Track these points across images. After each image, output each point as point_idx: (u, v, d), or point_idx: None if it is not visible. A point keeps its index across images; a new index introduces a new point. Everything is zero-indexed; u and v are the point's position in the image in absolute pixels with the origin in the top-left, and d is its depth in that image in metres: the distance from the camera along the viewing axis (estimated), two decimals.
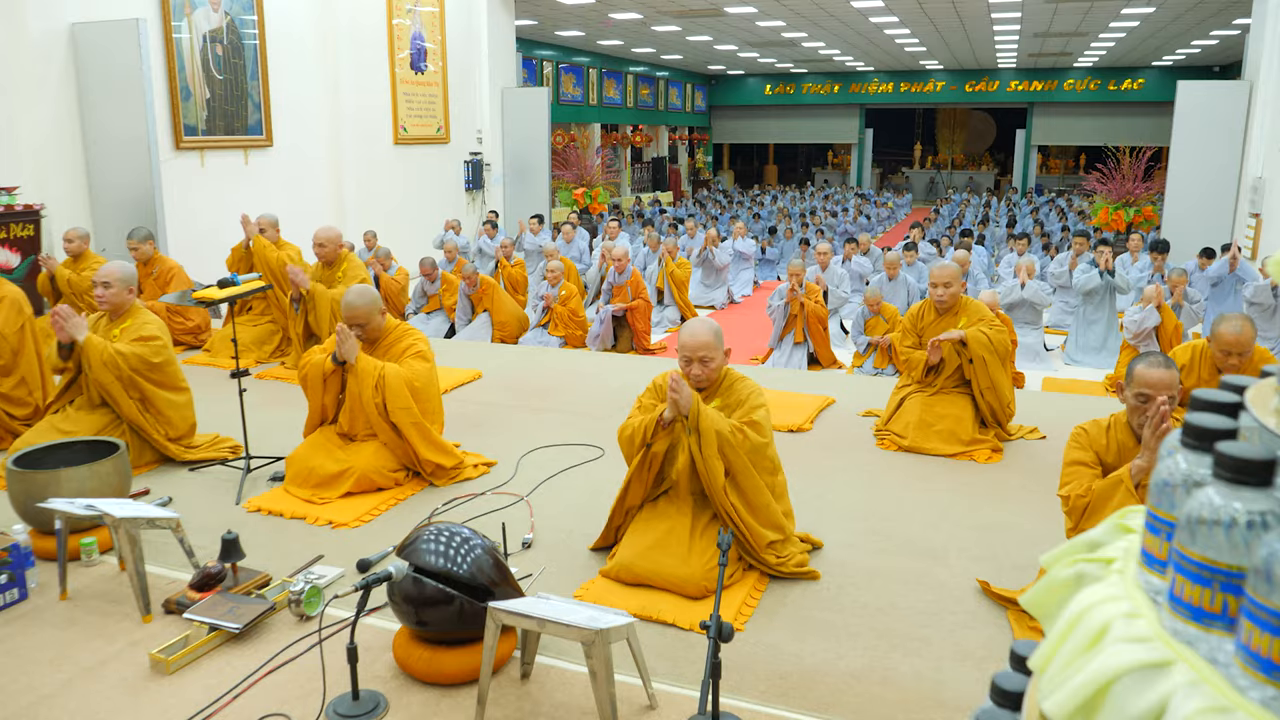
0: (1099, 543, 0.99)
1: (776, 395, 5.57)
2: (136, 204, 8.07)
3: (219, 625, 2.79)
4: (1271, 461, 0.76)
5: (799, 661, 2.75)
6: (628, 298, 7.91)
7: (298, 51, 10.23)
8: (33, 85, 7.59)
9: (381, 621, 2.95)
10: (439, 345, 7.28)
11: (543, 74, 19.17)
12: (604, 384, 5.95)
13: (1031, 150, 26.63)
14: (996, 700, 1.04)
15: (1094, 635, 0.80)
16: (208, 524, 3.68)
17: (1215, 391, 0.92)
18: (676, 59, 23.62)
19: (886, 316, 7.14)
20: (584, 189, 13.31)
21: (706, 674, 2.25)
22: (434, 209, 12.59)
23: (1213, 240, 11.08)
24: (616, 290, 7.98)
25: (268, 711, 2.50)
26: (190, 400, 4.52)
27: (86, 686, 2.61)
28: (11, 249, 7.26)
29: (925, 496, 4.06)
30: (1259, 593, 0.70)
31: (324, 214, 10.88)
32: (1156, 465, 0.89)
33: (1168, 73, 23.36)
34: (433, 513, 3.85)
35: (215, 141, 9.26)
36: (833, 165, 31.59)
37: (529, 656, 2.63)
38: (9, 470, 3.33)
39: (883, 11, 15.57)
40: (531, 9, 14.99)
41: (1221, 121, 10.90)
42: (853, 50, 21.32)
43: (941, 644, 2.86)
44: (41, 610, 3.03)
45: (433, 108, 12.44)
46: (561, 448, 4.67)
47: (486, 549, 2.66)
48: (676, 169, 26.98)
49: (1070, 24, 16.49)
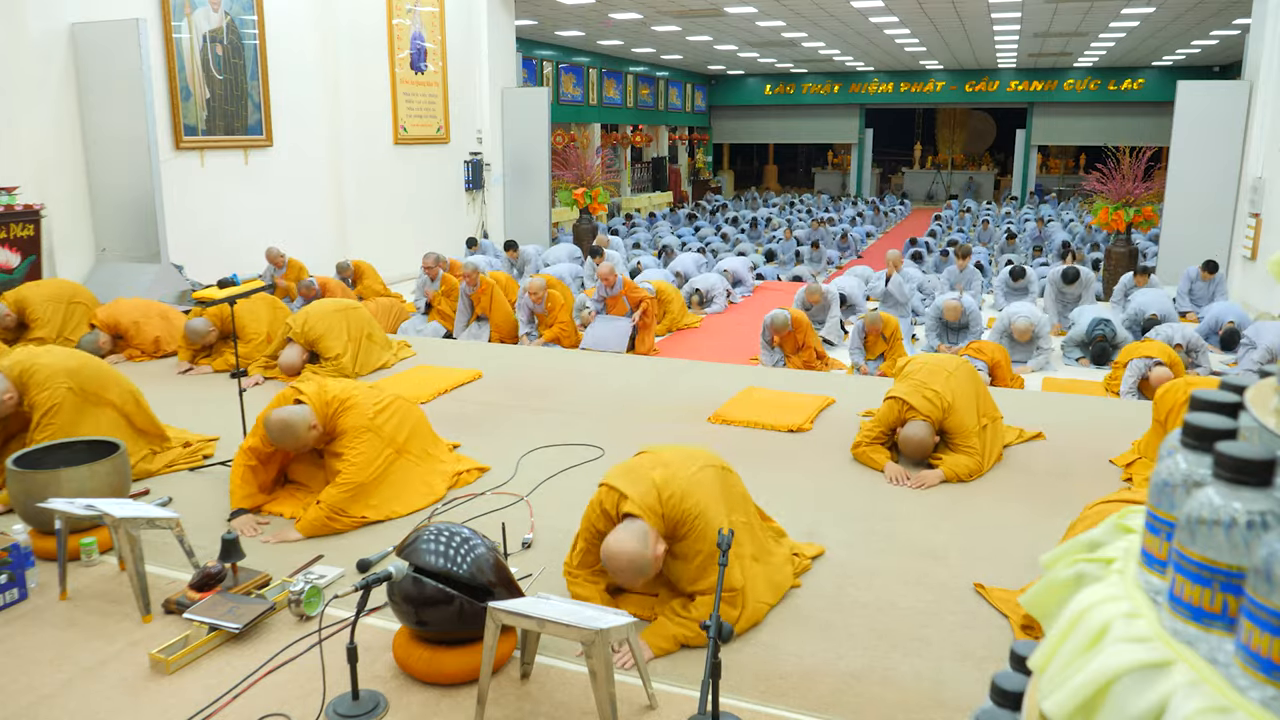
0: (1099, 543, 0.99)
1: (776, 395, 5.58)
2: (136, 204, 8.07)
3: (219, 625, 2.79)
4: (1271, 461, 0.76)
5: (799, 661, 2.75)
6: (624, 308, 7.89)
7: (298, 51, 10.24)
8: (33, 85, 7.59)
9: (381, 621, 2.95)
10: (439, 346, 7.28)
11: (543, 74, 19.17)
12: (604, 384, 5.95)
13: (1031, 150, 26.62)
14: (996, 700, 1.04)
15: (1094, 635, 0.80)
16: (208, 524, 3.69)
17: (1215, 391, 0.92)
18: (676, 59, 23.62)
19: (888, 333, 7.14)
20: (584, 189, 13.29)
21: (706, 674, 2.25)
22: (434, 209, 12.59)
23: (1212, 240, 11.08)
24: (610, 302, 7.96)
25: (268, 711, 2.50)
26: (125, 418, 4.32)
27: (86, 686, 2.61)
28: (11, 249, 7.26)
29: (925, 496, 4.06)
30: (1259, 593, 0.70)
31: (324, 214, 10.90)
32: (1157, 465, 0.89)
33: (1168, 73, 23.36)
34: (433, 513, 3.85)
35: (215, 141, 9.26)
36: (833, 165, 31.58)
37: (529, 656, 2.63)
38: (9, 470, 3.33)
39: (883, 11, 15.57)
40: (531, 9, 14.99)
41: (1221, 121, 10.89)
42: (853, 50, 21.32)
43: (941, 644, 2.86)
44: (41, 610, 3.03)
45: (433, 108, 12.44)
46: (561, 448, 4.67)
47: (486, 549, 2.66)
48: (676, 169, 26.98)
49: (1070, 24, 16.48)
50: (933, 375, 4.35)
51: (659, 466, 2.85)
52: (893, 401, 4.37)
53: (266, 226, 9.79)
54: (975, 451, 4.27)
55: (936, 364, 4.46)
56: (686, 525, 2.76)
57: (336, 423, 3.75)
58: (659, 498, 2.76)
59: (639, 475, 2.83)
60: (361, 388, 3.97)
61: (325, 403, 3.74)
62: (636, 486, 2.78)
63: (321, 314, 6.00)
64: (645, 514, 2.72)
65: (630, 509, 2.74)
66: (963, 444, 4.28)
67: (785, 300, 10.52)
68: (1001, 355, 6.68)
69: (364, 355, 6.15)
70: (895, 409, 4.35)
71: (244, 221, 9.58)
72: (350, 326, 6.11)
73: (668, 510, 2.76)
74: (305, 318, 5.94)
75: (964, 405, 4.32)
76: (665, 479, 2.80)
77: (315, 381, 3.84)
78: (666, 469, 2.84)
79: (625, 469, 2.90)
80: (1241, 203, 10.78)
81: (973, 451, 4.27)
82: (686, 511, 2.76)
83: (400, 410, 4.03)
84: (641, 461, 2.93)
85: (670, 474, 2.82)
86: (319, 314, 6.00)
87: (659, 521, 2.75)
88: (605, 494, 2.84)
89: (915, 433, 4.25)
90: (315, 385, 3.80)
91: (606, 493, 2.84)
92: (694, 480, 2.84)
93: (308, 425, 3.64)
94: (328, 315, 6.01)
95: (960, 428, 4.28)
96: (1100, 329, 7.63)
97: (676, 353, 7.88)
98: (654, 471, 2.83)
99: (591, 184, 13.37)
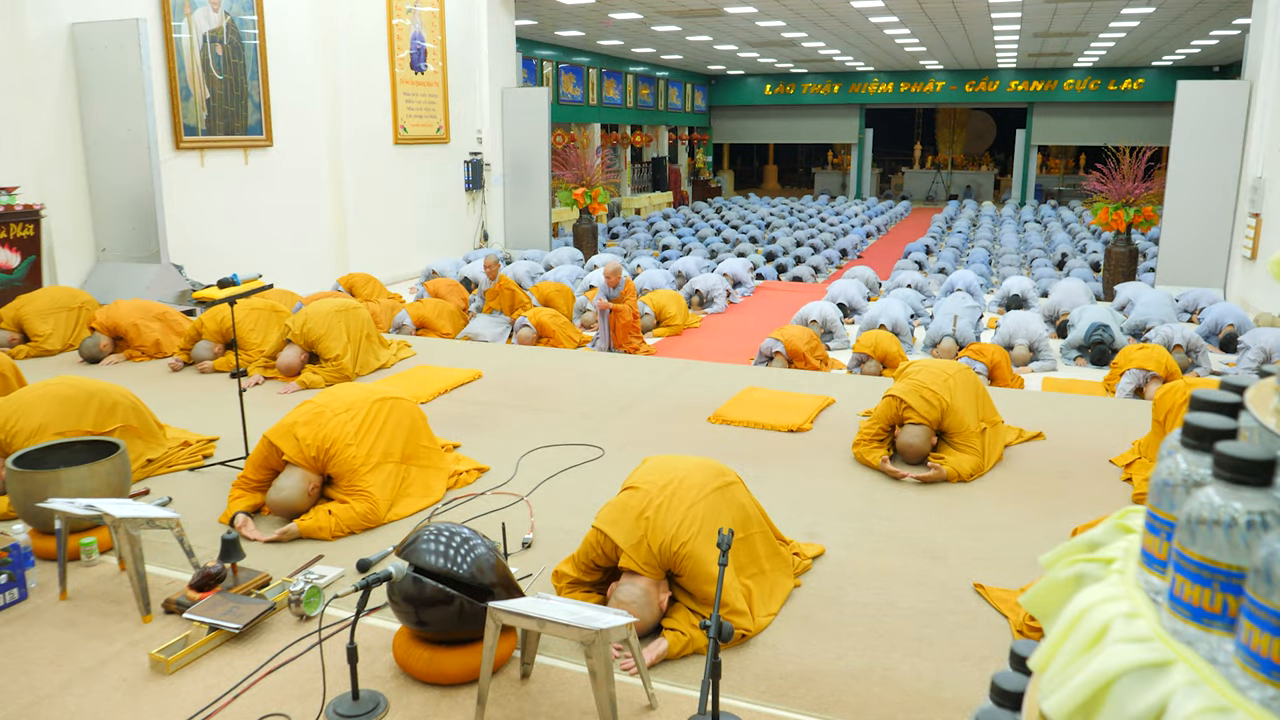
0: (1099, 543, 0.99)
1: (776, 395, 5.58)
2: (136, 204, 8.07)
3: (219, 625, 2.79)
4: (1271, 461, 0.76)
5: (799, 661, 2.75)
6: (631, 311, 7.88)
7: (298, 51, 10.24)
8: (33, 85, 7.60)
9: (381, 621, 2.95)
10: (439, 346, 7.28)
11: (543, 74, 19.17)
12: (604, 384, 5.95)
13: (1031, 150, 26.62)
14: (996, 700, 1.04)
15: (1094, 635, 0.80)
16: (208, 524, 3.69)
17: (1215, 391, 0.92)
18: (676, 59, 23.62)
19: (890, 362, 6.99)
20: (584, 189, 13.29)
21: (706, 674, 2.25)
22: (434, 209, 12.59)
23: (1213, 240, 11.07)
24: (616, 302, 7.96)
25: (268, 711, 2.50)
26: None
27: (86, 686, 2.61)
28: (11, 249, 7.26)
29: (925, 496, 4.06)
30: (1259, 593, 0.70)
31: (324, 214, 10.89)
32: (1157, 465, 0.89)
33: (1168, 73, 23.36)
34: (433, 513, 3.85)
35: (215, 141, 9.26)
36: (832, 165, 31.57)
37: (529, 656, 2.63)
38: (9, 470, 3.33)
39: (883, 11, 15.57)
40: (531, 9, 14.99)
41: (1221, 121, 10.88)
42: (853, 50, 21.32)
43: (941, 644, 2.86)
44: (41, 610, 3.03)
45: (433, 108, 12.45)
46: (561, 448, 4.67)
47: (487, 549, 2.66)
48: (676, 169, 26.98)
49: (1070, 24, 16.49)
50: (932, 378, 4.37)
51: (650, 508, 2.83)
52: (891, 399, 4.38)
53: (266, 226, 9.80)
54: (975, 451, 4.29)
55: (937, 367, 4.48)
56: (680, 567, 2.79)
57: (328, 468, 3.71)
58: (649, 549, 2.78)
59: (630, 522, 2.83)
60: (335, 413, 3.79)
61: (312, 459, 3.67)
62: (629, 537, 2.80)
63: (321, 315, 6.00)
64: (642, 569, 2.78)
65: (627, 565, 2.79)
66: (963, 444, 4.30)
67: (786, 299, 10.52)
68: (1001, 356, 6.68)
69: (364, 355, 6.15)
70: (893, 406, 4.36)
71: (244, 221, 9.58)
72: (350, 327, 6.10)
73: (663, 560, 2.79)
74: (305, 318, 5.94)
75: (963, 406, 4.33)
76: (654, 526, 2.79)
77: (291, 436, 3.68)
78: (658, 513, 2.81)
79: (617, 511, 2.88)
80: (1241, 203, 10.78)
81: (973, 451, 4.28)
82: (681, 557, 2.78)
83: (384, 418, 3.90)
84: (632, 502, 2.89)
85: (661, 519, 2.80)
86: (318, 315, 5.99)
87: (656, 572, 2.80)
88: (600, 539, 2.86)
89: (912, 438, 4.28)
90: (292, 442, 3.66)
91: (601, 539, 2.86)
92: (688, 518, 2.81)
93: (307, 492, 3.65)
94: (327, 316, 6.01)
95: (959, 428, 4.29)
96: (1099, 333, 7.62)
97: (676, 353, 7.88)
98: (646, 514, 2.82)
99: (591, 184, 13.37)
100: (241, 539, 3.26)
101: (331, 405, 3.83)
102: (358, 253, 11.01)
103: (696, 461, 3.09)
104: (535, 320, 7.71)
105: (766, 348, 7.05)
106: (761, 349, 7.11)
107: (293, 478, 3.65)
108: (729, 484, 3.07)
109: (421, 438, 4.09)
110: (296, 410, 3.81)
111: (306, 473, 3.67)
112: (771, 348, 7.00)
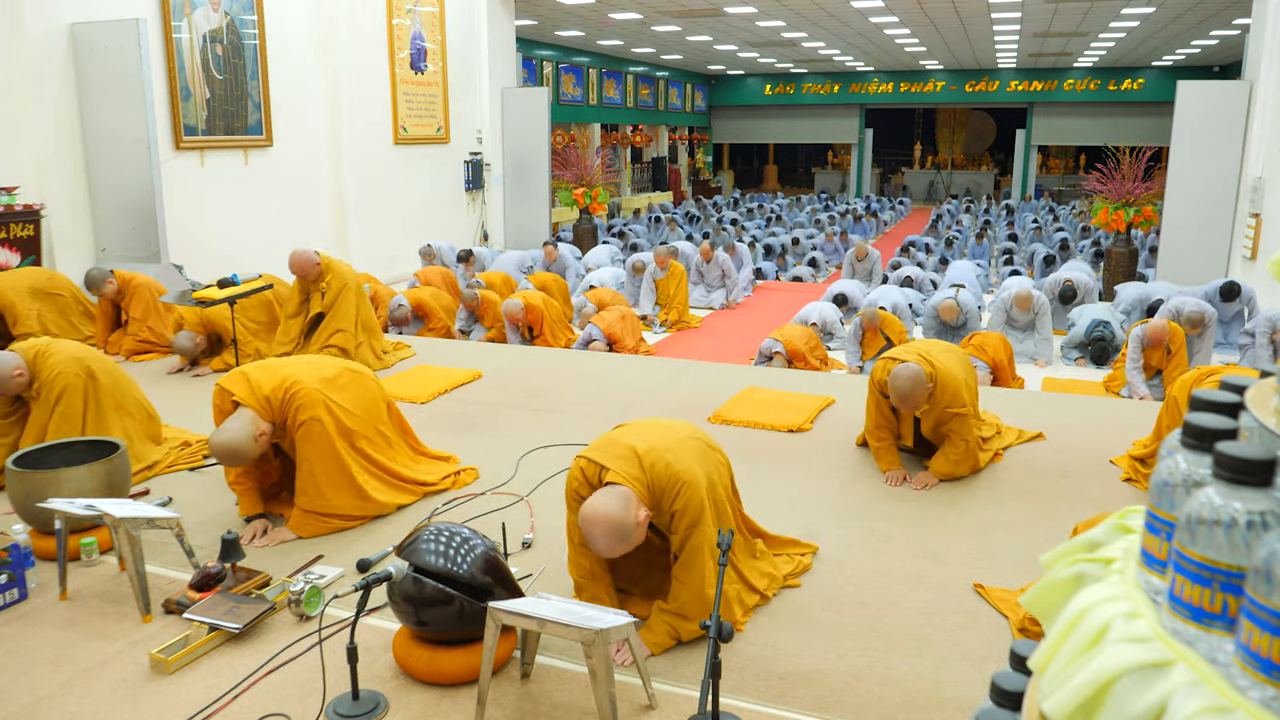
0: (1099, 543, 0.99)
1: (776, 395, 5.58)
2: (136, 204, 8.07)
3: (219, 625, 2.79)
4: (1271, 461, 0.76)
5: (799, 661, 2.75)
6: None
7: (297, 51, 10.24)
8: (33, 85, 7.59)
9: (381, 621, 2.95)
10: (439, 346, 7.28)
11: (543, 74, 19.17)
12: (604, 384, 5.95)
13: (1031, 150, 26.63)
14: (996, 700, 1.04)
15: (1094, 635, 0.80)
16: (208, 524, 3.69)
17: (1215, 391, 0.92)
18: (676, 59, 23.62)
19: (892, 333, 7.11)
20: (584, 189, 13.29)
21: (706, 674, 2.25)
22: (434, 209, 12.60)
23: (1213, 240, 11.08)
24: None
25: (268, 711, 2.50)
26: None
27: (86, 686, 2.61)
28: (11, 249, 7.25)
29: (925, 496, 4.06)
30: (1259, 593, 0.70)
31: (324, 214, 10.89)
32: (1157, 465, 0.89)
33: (1168, 73, 23.36)
34: (433, 513, 3.85)
35: (215, 141, 9.26)
36: (832, 165, 31.58)
37: (529, 656, 2.63)
38: (9, 470, 3.33)
39: (883, 11, 15.57)
40: (531, 9, 15.00)
41: (1221, 121, 10.89)
42: (853, 50, 21.32)
43: (941, 644, 2.86)
44: (41, 610, 3.03)
45: (433, 108, 12.45)
46: (561, 448, 4.67)
47: (486, 549, 2.66)
48: (676, 169, 26.99)
49: (1070, 24, 16.49)
50: (926, 348, 4.18)
51: (639, 437, 2.73)
52: (882, 360, 4.15)
53: (266, 226, 9.79)
54: (963, 434, 4.09)
55: (930, 343, 4.38)
56: (674, 490, 2.62)
57: (289, 413, 3.44)
58: (641, 465, 2.61)
59: (618, 446, 2.69)
60: (307, 363, 3.68)
61: (264, 398, 3.41)
62: (617, 458, 2.63)
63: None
64: (628, 481, 2.57)
65: (613, 479, 2.59)
66: (955, 430, 4.12)
67: (786, 300, 10.53)
68: (1004, 355, 6.68)
69: (363, 355, 6.16)
70: (884, 367, 4.09)
71: (244, 221, 9.58)
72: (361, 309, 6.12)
73: (653, 477, 2.61)
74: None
75: (953, 376, 4.06)
76: (648, 447, 2.66)
77: (243, 376, 3.48)
78: (646, 439, 2.72)
79: (603, 441, 2.77)
80: (1241, 203, 10.78)
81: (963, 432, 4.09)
82: (676, 475, 2.61)
83: (356, 382, 3.75)
84: (620, 433, 2.81)
85: (652, 443, 2.69)
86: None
87: (643, 489, 2.60)
88: (585, 466, 2.69)
89: (902, 380, 3.90)
90: (244, 382, 3.44)
91: (586, 465, 2.69)
92: (681, 446, 2.73)
93: (254, 436, 3.31)
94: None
95: (950, 399, 4.04)
96: (1099, 330, 7.64)
97: (676, 353, 7.89)
98: (635, 441, 2.70)
99: (591, 184, 13.37)
100: (241, 540, 3.26)
101: (293, 360, 3.73)
102: (358, 253, 11.01)
103: (675, 421, 3.01)
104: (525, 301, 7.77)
105: (766, 348, 7.06)
106: (761, 349, 7.11)
107: (240, 420, 3.33)
108: (714, 448, 2.96)
109: (395, 421, 3.99)
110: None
111: (256, 416, 3.37)
112: (771, 348, 7.01)
